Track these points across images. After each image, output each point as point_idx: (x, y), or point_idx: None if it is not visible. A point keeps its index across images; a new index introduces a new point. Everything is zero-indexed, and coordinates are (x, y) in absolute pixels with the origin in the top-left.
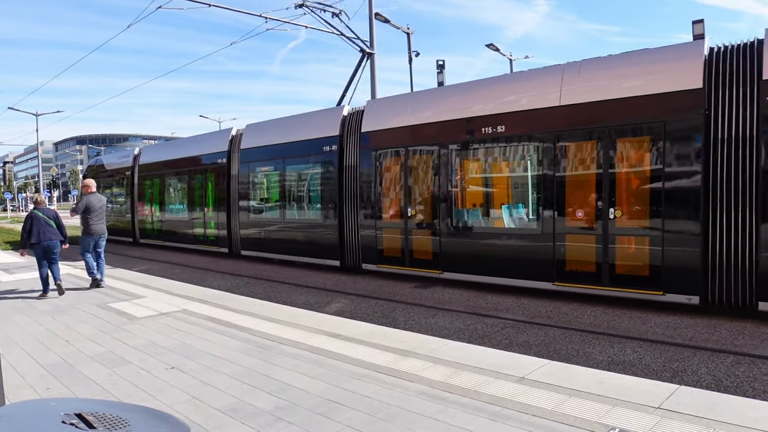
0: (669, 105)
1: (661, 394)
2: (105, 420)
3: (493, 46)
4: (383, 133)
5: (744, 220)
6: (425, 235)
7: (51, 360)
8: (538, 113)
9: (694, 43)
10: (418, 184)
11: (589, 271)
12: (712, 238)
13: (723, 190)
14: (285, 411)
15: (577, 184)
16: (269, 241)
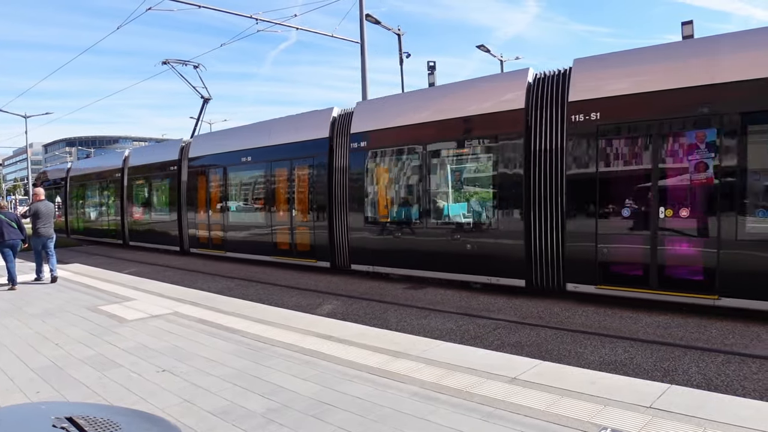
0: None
1: (652, 393)
2: (96, 424)
3: (483, 48)
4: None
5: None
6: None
7: (41, 363)
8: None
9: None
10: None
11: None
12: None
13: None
14: (277, 413)
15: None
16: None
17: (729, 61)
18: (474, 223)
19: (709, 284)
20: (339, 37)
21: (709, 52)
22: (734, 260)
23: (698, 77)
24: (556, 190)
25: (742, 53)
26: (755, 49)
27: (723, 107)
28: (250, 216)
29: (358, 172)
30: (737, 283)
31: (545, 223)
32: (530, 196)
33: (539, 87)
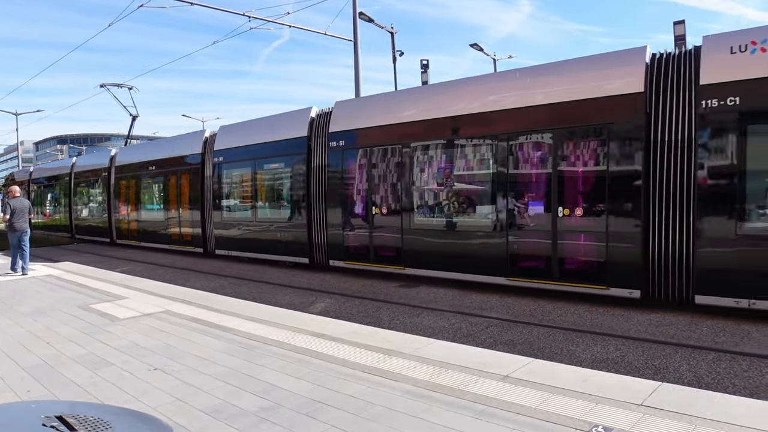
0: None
1: (643, 391)
2: (86, 422)
3: (477, 46)
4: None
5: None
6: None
7: (32, 362)
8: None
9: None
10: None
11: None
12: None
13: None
14: (270, 411)
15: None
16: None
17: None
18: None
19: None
20: (332, 35)
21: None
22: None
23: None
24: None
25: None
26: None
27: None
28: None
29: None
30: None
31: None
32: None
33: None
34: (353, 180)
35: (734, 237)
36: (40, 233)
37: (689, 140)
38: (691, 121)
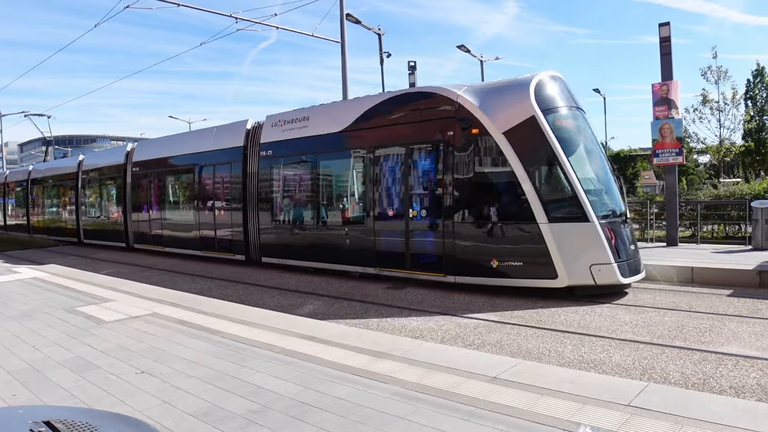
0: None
1: (630, 391)
2: (74, 427)
3: (464, 48)
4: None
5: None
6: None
7: (17, 366)
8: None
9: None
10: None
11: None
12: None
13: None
14: (258, 414)
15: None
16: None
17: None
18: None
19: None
20: (319, 37)
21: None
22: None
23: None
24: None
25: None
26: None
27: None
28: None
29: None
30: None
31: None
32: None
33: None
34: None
35: (272, 224)
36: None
37: (257, 171)
38: (256, 161)
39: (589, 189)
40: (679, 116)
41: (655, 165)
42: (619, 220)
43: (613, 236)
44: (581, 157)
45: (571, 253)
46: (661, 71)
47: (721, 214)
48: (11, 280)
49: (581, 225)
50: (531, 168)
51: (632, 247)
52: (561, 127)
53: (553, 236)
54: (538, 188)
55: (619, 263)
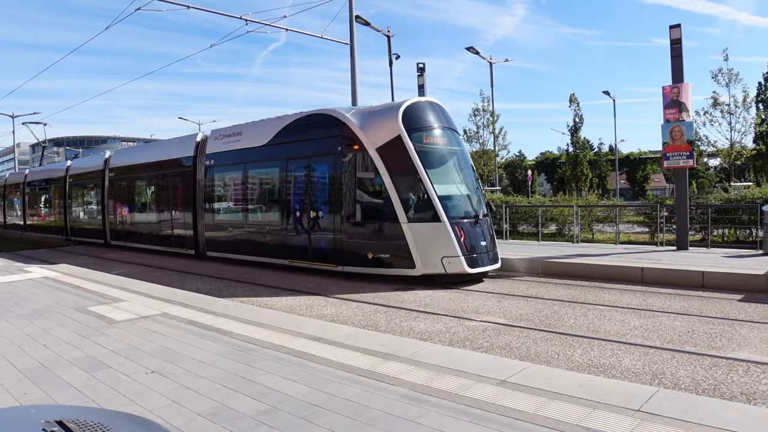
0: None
1: (640, 396)
2: (86, 427)
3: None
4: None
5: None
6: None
7: (28, 364)
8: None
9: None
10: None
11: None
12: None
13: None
14: (267, 415)
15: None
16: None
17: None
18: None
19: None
20: (329, 39)
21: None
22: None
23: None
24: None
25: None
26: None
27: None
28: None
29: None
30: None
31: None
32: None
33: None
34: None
35: (214, 223)
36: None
37: (203, 178)
38: (203, 169)
39: (444, 195)
40: (689, 119)
41: (666, 168)
42: (470, 221)
43: (462, 234)
44: (442, 170)
45: (426, 248)
46: (671, 74)
47: (731, 218)
48: (23, 279)
49: (434, 225)
50: (396, 178)
51: (483, 243)
52: (424, 145)
53: (412, 234)
54: (401, 195)
55: (466, 256)
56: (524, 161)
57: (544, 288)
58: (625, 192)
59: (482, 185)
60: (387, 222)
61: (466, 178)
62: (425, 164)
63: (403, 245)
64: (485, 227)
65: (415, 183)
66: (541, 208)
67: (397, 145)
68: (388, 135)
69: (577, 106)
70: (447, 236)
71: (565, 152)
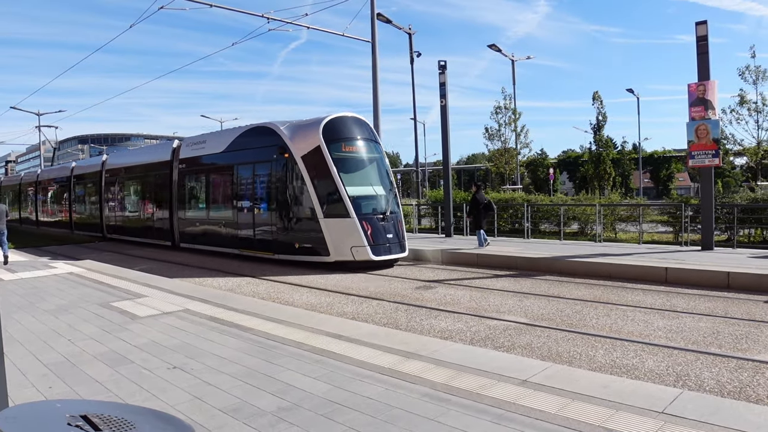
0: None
1: (664, 398)
2: (110, 422)
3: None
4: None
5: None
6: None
7: (53, 359)
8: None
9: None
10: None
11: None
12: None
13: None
14: (287, 412)
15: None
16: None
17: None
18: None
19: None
20: (350, 37)
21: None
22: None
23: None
24: (171, 197)
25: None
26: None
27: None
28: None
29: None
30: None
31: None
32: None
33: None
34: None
35: (185, 219)
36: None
37: (177, 179)
38: (177, 172)
39: (355, 196)
40: (715, 117)
41: (690, 167)
42: (377, 217)
43: (369, 228)
44: (355, 174)
45: (338, 239)
46: (697, 71)
47: (758, 217)
48: (48, 274)
49: (345, 220)
50: (316, 181)
51: (389, 236)
52: (340, 154)
53: (327, 227)
54: (319, 195)
55: (371, 246)
56: (546, 159)
57: (566, 287)
58: (648, 191)
59: (508, 183)
60: (308, 218)
61: (377, 182)
62: (340, 169)
63: (320, 237)
64: (392, 223)
65: (330, 185)
66: (563, 207)
67: (317, 153)
68: (310, 145)
69: (601, 104)
70: (355, 230)
71: (587, 150)
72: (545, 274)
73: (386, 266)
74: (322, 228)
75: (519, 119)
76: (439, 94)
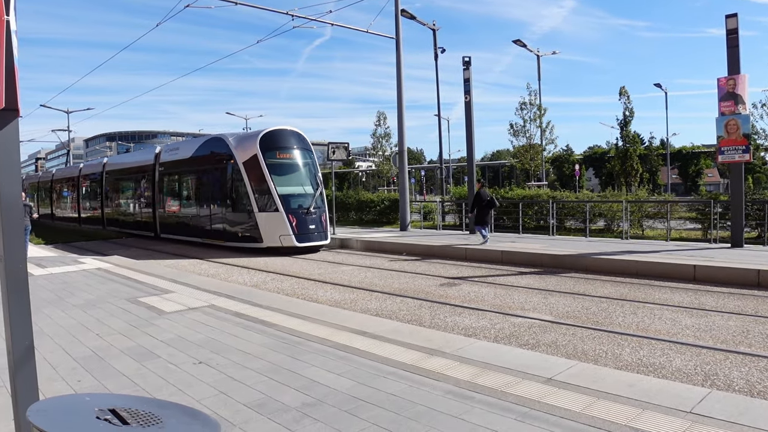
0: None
1: (692, 398)
2: (138, 416)
3: (520, 42)
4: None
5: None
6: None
7: (82, 353)
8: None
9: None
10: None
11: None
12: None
13: (156, 197)
14: (311, 408)
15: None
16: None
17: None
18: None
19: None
20: (374, 33)
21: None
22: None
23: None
24: (153, 194)
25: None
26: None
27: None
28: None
29: (162, 183)
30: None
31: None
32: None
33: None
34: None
35: (165, 213)
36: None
37: (158, 180)
38: (158, 173)
39: (284, 194)
40: (746, 112)
41: (720, 163)
42: (302, 212)
43: (294, 220)
44: (285, 177)
45: (269, 229)
46: (727, 65)
47: None
48: (77, 270)
49: (275, 214)
50: (253, 183)
51: (312, 227)
52: (274, 160)
53: (261, 220)
54: (256, 194)
55: (296, 236)
56: (572, 156)
57: (592, 285)
58: (676, 187)
59: (533, 179)
60: (248, 212)
61: (305, 183)
62: (273, 173)
63: (256, 227)
64: (316, 216)
65: (264, 186)
66: (589, 203)
67: (255, 160)
68: (250, 153)
69: (627, 99)
70: (283, 222)
71: (614, 146)
72: (570, 271)
73: (310, 251)
74: (257, 220)
75: (544, 115)
76: (463, 90)
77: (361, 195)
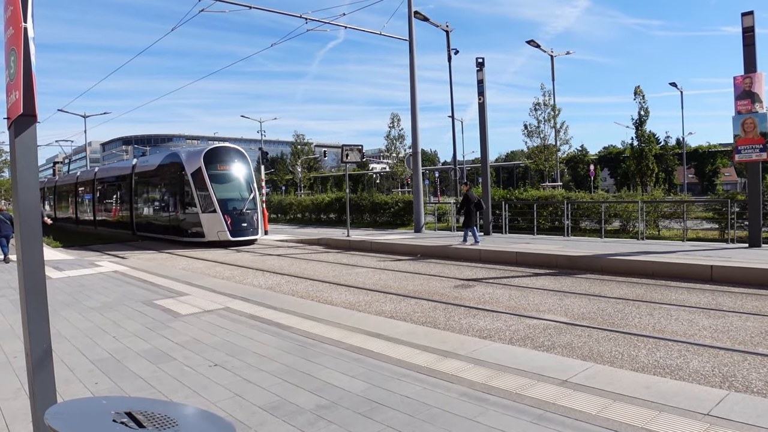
0: (126, 177)
1: (709, 400)
2: (154, 419)
3: (534, 43)
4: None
5: (133, 209)
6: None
7: (99, 355)
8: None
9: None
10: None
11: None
12: (133, 214)
13: (132, 202)
14: (326, 410)
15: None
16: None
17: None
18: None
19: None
20: (387, 35)
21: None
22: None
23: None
24: (131, 199)
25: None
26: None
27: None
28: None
29: (137, 190)
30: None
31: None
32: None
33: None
34: (139, 195)
35: (141, 215)
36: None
37: (134, 187)
38: (134, 181)
39: (221, 199)
40: (763, 110)
41: (737, 162)
42: (237, 213)
43: (229, 219)
44: (224, 185)
45: (210, 227)
46: (743, 63)
47: None
48: (94, 273)
49: (214, 214)
50: (198, 190)
51: (245, 225)
52: (215, 171)
53: (203, 219)
54: (200, 198)
55: (231, 231)
56: (587, 156)
57: (607, 286)
58: (693, 187)
59: (547, 180)
60: (194, 213)
61: (240, 189)
62: (213, 182)
63: (200, 225)
64: (249, 216)
65: (206, 192)
66: (604, 204)
67: (200, 171)
68: (196, 165)
69: (643, 99)
70: (220, 221)
71: (629, 146)
72: (586, 272)
73: (244, 244)
74: (201, 220)
75: (558, 115)
76: (476, 91)
77: (375, 197)
